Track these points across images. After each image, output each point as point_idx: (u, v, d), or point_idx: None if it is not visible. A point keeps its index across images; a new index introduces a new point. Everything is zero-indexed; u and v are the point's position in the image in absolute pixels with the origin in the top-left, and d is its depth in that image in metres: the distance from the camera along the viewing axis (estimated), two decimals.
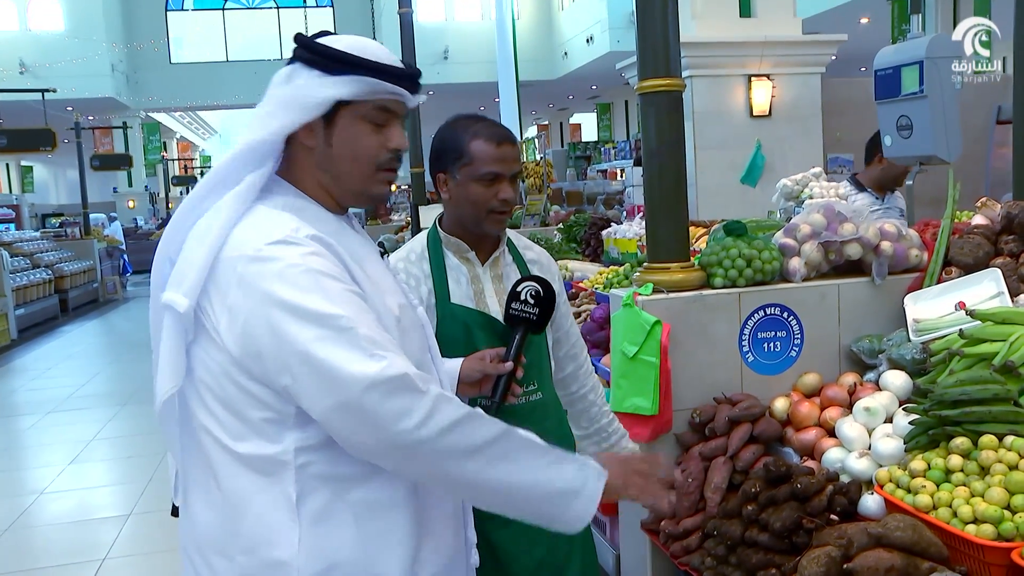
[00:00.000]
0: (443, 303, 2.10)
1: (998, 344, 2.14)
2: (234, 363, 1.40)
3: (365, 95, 1.50)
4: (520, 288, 1.88)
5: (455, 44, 22.84)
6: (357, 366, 1.32)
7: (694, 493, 2.30)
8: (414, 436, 1.33)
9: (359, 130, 1.51)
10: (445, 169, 2.10)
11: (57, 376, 9.40)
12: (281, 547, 1.41)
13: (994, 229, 2.72)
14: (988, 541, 1.71)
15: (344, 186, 1.54)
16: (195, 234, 1.46)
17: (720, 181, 6.91)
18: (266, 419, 1.41)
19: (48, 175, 34.07)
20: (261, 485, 1.42)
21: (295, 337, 1.34)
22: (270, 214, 1.47)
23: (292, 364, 1.34)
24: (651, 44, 2.52)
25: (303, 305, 1.35)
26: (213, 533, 1.47)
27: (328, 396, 1.33)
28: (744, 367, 2.56)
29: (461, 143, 2.06)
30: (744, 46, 6.91)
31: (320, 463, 1.43)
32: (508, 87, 9.93)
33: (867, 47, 6.77)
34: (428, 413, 1.34)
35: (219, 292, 1.40)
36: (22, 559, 4.52)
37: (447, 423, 1.35)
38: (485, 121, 2.12)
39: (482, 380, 1.86)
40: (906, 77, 3.51)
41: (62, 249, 15.78)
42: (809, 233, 2.63)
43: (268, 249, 1.39)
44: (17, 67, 20.80)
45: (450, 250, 2.16)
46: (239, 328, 1.38)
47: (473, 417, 1.38)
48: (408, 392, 1.33)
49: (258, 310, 1.36)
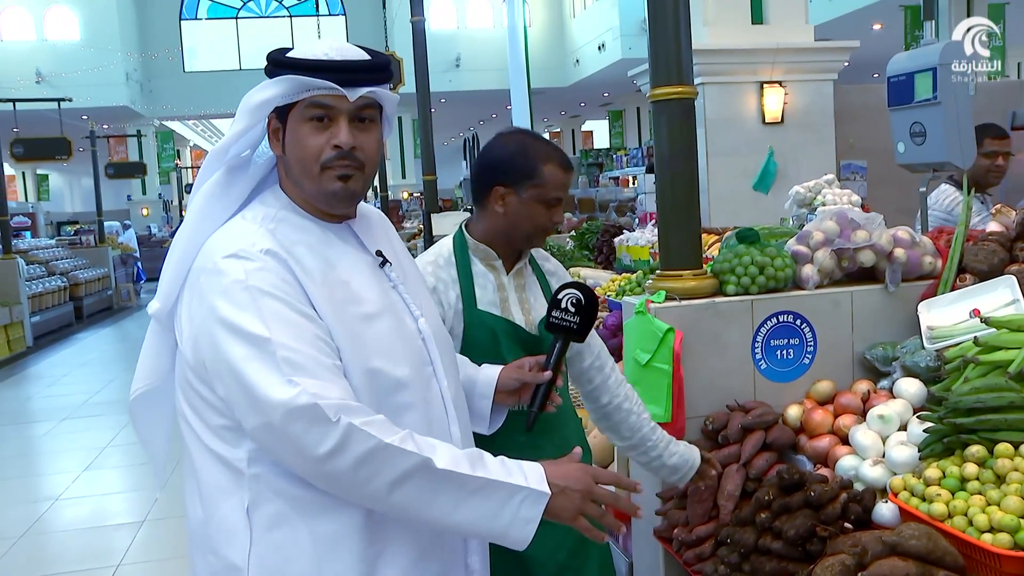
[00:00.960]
0: (470, 308, 2.11)
1: (1013, 351, 2.12)
2: (192, 369, 1.46)
3: (296, 94, 1.48)
4: (561, 296, 1.84)
5: (467, 52, 22.90)
6: (274, 391, 1.33)
7: (707, 501, 2.29)
8: (327, 466, 1.34)
9: (302, 131, 1.50)
10: (510, 184, 2.09)
11: (72, 383, 9.46)
12: (236, 551, 1.44)
13: (1009, 236, 2.71)
14: (1005, 550, 1.69)
15: (304, 190, 1.53)
16: (178, 242, 1.55)
17: (733, 188, 6.89)
18: (223, 425, 1.45)
19: (63, 183, 34.32)
20: (226, 488, 1.45)
21: (228, 353, 1.38)
22: (239, 226, 1.50)
23: (225, 378, 1.39)
24: (663, 52, 2.52)
25: (236, 323, 1.38)
26: (194, 530, 1.53)
27: (252, 416, 1.37)
28: (757, 374, 2.56)
29: (533, 162, 2.08)
30: (756, 53, 6.90)
31: (271, 474, 1.43)
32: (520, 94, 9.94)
33: (880, 53, 6.74)
34: (338, 444, 1.32)
35: (188, 300, 1.48)
36: (38, 565, 4.55)
37: (359, 455, 1.33)
38: (551, 144, 2.19)
39: (521, 389, 1.84)
40: (919, 84, 3.50)
41: (77, 257, 15.90)
42: (822, 240, 2.62)
43: (221, 263, 1.43)
44: (34, 77, 20.97)
45: (477, 257, 2.17)
46: (192, 337, 1.44)
47: (385, 449, 1.34)
48: (317, 423, 1.32)
49: (205, 323, 1.42)
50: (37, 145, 15.70)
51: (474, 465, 1.39)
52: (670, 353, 2.41)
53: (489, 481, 1.38)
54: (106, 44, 21.45)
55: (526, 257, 2.22)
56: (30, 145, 15.51)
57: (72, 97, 16.77)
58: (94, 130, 17.62)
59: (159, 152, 25.15)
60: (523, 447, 2.02)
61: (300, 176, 1.52)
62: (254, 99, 1.51)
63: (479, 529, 1.41)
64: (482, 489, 1.38)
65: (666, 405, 2.42)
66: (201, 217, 1.54)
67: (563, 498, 1.43)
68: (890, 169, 5.27)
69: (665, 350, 2.42)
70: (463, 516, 1.38)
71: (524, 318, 2.15)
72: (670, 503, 2.42)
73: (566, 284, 1.88)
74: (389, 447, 1.34)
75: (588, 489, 1.46)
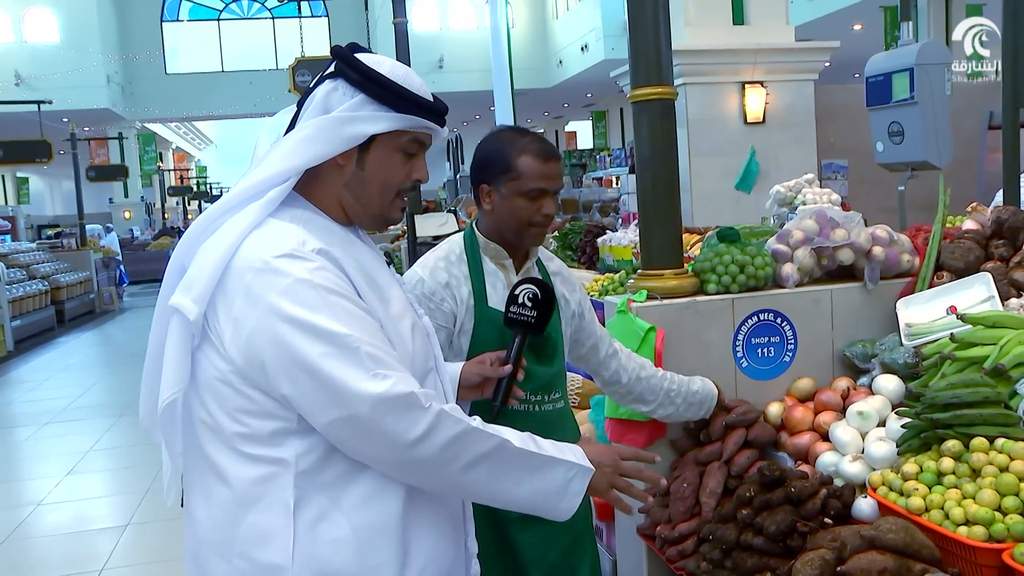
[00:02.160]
0: (481, 306, 2.12)
1: (988, 348, 2.16)
2: (236, 372, 1.42)
3: (406, 128, 1.54)
4: (518, 291, 1.88)
5: (450, 53, 22.90)
6: (363, 384, 1.36)
7: (689, 498, 2.31)
8: (416, 452, 1.39)
9: (393, 160, 1.55)
10: (489, 181, 2.12)
11: (54, 387, 9.39)
12: (276, 551, 1.43)
13: (984, 234, 2.74)
14: (980, 543, 1.72)
15: (366, 209, 1.57)
16: (211, 243, 1.48)
17: (715, 188, 6.93)
18: (267, 426, 1.43)
19: (44, 186, 34.05)
20: (260, 489, 1.44)
21: (301, 351, 1.37)
22: (279, 226, 1.48)
23: (296, 376, 1.37)
24: (643, 53, 2.54)
25: (309, 321, 1.37)
26: (212, 535, 1.49)
27: (333, 410, 1.37)
28: (738, 372, 2.58)
29: (508, 157, 2.08)
30: (737, 53, 6.95)
31: (319, 471, 1.45)
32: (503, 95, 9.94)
33: (860, 54, 6.81)
34: (429, 429, 1.39)
35: (225, 302, 1.43)
36: (20, 571, 4.52)
37: (447, 439, 1.41)
38: (532, 135, 2.14)
39: (483, 384, 1.87)
40: (897, 84, 3.55)
41: (58, 260, 15.76)
42: (802, 239, 2.65)
43: (275, 262, 1.41)
44: (12, 79, 20.82)
45: (488, 255, 2.18)
46: (243, 339, 1.40)
47: (471, 432, 1.43)
48: (412, 409, 1.38)
49: (264, 323, 1.38)
50: (17, 148, 15.56)
51: (538, 445, 1.52)
52: (652, 352, 2.43)
53: (549, 459, 1.51)
54: (86, 46, 21.31)
55: (534, 257, 2.22)
56: (9, 148, 15.38)
57: (52, 99, 16.63)
58: (75, 132, 17.50)
59: (141, 155, 25.02)
60: None
61: (373, 195, 1.56)
62: (358, 129, 1.50)
63: (535, 502, 1.53)
64: (542, 467, 1.51)
65: None
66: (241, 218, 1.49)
67: (599, 474, 1.56)
68: (871, 168, 5.33)
69: (647, 349, 2.43)
70: (524, 491, 1.50)
71: None
72: (652, 501, 2.43)
73: (523, 280, 1.91)
74: (476, 431, 1.44)
75: (616, 464, 1.60)
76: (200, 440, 1.49)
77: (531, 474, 1.49)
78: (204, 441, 1.48)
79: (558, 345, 2.19)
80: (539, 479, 1.50)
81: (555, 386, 2.18)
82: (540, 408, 2.15)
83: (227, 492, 1.46)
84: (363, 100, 1.51)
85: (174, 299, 1.44)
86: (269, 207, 1.50)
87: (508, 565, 2.10)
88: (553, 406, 2.17)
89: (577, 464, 1.53)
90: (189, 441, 1.51)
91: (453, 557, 1.62)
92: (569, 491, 1.53)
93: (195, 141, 36.54)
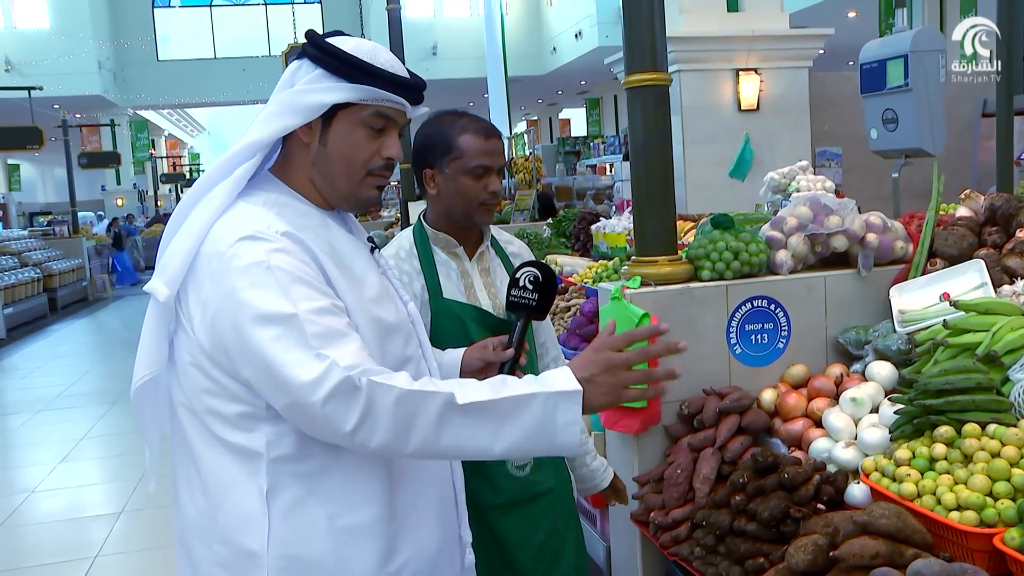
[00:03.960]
0: (436, 298, 2.12)
1: (981, 334, 2.16)
2: (206, 355, 1.43)
3: (367, 101, 1.51)
4: (519, 275, 1.86)
5: (443, 40, 22.79)
6: (301, 370, 1.32)
7: (683, 484, 2.32)
8: (360, 435, 1.33)
9: (356, 134, 1.52)
10: (432, 164, 2.12)
11: (47, 375, 9.37)
12: (252, 537, 1.43)
13: (978, 221, 2.75)
14: (971, 527, 1.73)
15: (334, 187, 1.55)
16: (185, 226, 1.49)
17: (709, 175, 6.93)
18: (239, 411, 1.43)
19: (35, 173, 33.85)
20: (238, 474, 1.44)
21: (252, 335, 1.36)
22: (248, 210, 1.48)
23: (251, 361, 1.37)
24: (637, 38, 2.53)
25: (259, 303, 1.36)
26: (195, 520, 1.49)
27: (281, 396, 1.36)
28: (732, 359, 2.58)
29: (449, 138, 2.09)
30: (732, 40, 6.94)
31: (295, 459, 1.44)
32: (497, 83, 9.92)
33: (855, 41, 6.79)
34: (365, 409, 1.32)
35: (195, 286, 1.44)
36: (13, 558, 4.52)
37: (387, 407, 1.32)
38: (470, 116, 2.15)
39: (485, 368, 1.85)
40: (891, 71, 3.54)
41: (50, 248, 15.72)
42: (796, 226, 2.65)
43: (237, 245, 1.41)
44: (3, 65, 20.65)
45: (438, 246, 2.18)
46: (208, 323, 1.41)
47: (412, 395, 1.34)
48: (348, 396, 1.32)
49: (223, 306, 1.39)
50: (7, 134, 15.47)
51: (496, 390, 1.38)
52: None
53: (514, 398, 1.36)
54: (77, 32, 21.14)
55: (487, 240, 2.22)
56: (0, 134, 15.28)
57: (43, 86, 16.54)
58: (66, 119, 17.40)
59: (133, 142, 24.87)
60: None
61: (339, 174, 1.53)
62: (314, 98, 1.49)
63: (527, 447, 1.39)
64: (512, 410, 1.36)
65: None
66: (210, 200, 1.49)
67: (593, 387, 1.41)
68: (865, 156, 5.33)
69: None
70: (508, 439, 1.36)
71: (491, 303, 2.17)
72: (647, 487, 2.44)
73: (524, 263, 1.88)
74: (412, 393, 1.34)
75: (609, 364, 1.43)
76: (182, 425, 1.50)
77: (502, 421, 1.36)
78: (185, 425, 1.49)
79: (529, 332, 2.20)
80: (516, 423, 1.37)
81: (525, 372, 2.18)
82: None
83: (207, 478, 1.46)
84: (321, 74, 1.50)
85: (149, 284, 1.46)
86: (237, 185, 1.50)
87: (492, 552, 2.10)
88: None
89: (554, 392, 1.38)
90: (174, 426, 1.52)
91: (442, 546, 1.61)
92: (558, 425, 1.37)
93: (188, 128, 36.35)
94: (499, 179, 2.13)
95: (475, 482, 2.11)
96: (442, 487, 1.64)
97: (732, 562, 2.02)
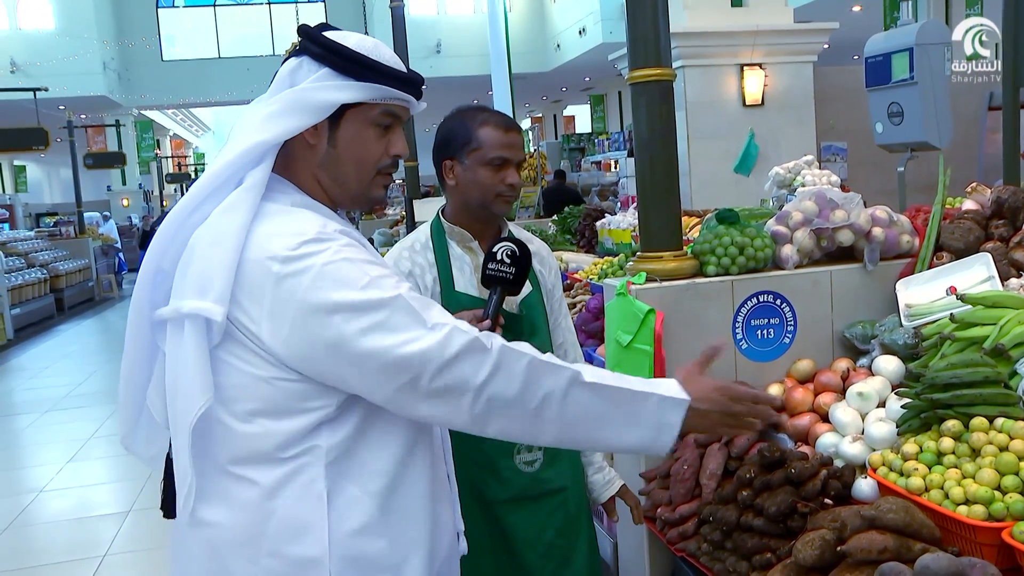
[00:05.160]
0: (448, 291, 2.14)
1: (988, 328, 2.15)
2: (275, 365, 1.37)
3: (376, 99, 1.49)
4: (496, 249, 1.93)
5: (447, 37, 22.78)
6: (419, 342, 1.33)
7: (689, 480, 2.31)
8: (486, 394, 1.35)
9: (366, 134, 1.50)
10: (453, 156, 2.14)
11: (54, 375, 9.40)
12: (311, 545, 1.40)
13: (984, 214, 2.74)
14: (979, 522, 1.72)
15: (344, 188, 1.52)
16: (206, 238, 1.40)
17: (714, 170, 6.92)
18: (298, 418, 1.40)
19: (41, 174, 33.95)
20: (289, 483, 1.40)
21: (350, 330, 1.33)
22: (289, 212, 1.44)
23: (356, 354, 1.34)
24: (641, 34, 2.52)
25: (353, 298, 1.34)
26: (235, 537, 1.42)
27: (395, 379, 1.34)
28: (738, 354, 2.58)
29: (470, 130, 2.12)
30: (736, 36, 6.92)
31: (347, 460, 1.43)
32: (501, 80, 9.90)
33: (859, 35, 6.78)
34: (495, 366, 1.35)
35: (251, 296, 1.36)
36: (22, 557, 4.54)
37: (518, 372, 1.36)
38: (491, 111, 2.19)
39: None
40: (896, 64, 3.53)
41: (57, 248, 15.77)
42: (801, 220, 2.64)
43: (304, 248, 1.36)
44: (8, 66, 20.70)
45: (454, 240, 2.20)
46: (285, 331, 1.35)
47: (542, 364, 1.38)
48: (476, 353, 1.35)
49: (306, 310, 1.34)
50: (13, 135, 15.51)
51: (618, 379, 1.44)
52: (651, 334, 2.42)
53: (635, 392, 1.43)
54: (81, 32, 21.17)
55: (504, 235, 2.22)
56: (6, 136, 15.33)
57: (48, 87, 16.57)
58: (71, 120, 17.43)
59: (138, 142, 24.92)
60: None
61: (349, 175, 1.52)
62: (327, 97, 1.46)
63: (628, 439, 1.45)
64: (628, 400, 1.43)
65: None
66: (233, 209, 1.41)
67: (700, 417, 1.48)
68: (870, 150, 5.31)
69: (646, 331, 2.43)
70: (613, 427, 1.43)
71: None
72: (653, 483, 2.44)
73: (501, 238, 1.95)
74: (543, 362, 1.39)
75: (727, 410, 1.50)
76: (217, 439, 1.42)
77: (619, 407, 1.42)
78: (224, 440, 1.41)
79: (536, 322, 2.22)
80: (626, 414, 1.43)
81: None
82: None
83: (253, 491, 1.40)
84: (328, 73, 1.47)
85: (191, 305, 1.36)
86: (258, 190, 1.43)
87: (500, 548, 2.10)
88: None
89: (667, 397, 1.44)
90: (200, 443, 1.43)
91: (452, 534, 1.64)
92: (663, 423, 1.44)
93: (192, 128, 36.40)
94: (517, 172, 2.15)
95: (482, 475, 2.12)
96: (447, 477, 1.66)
97: (739, 557, 2.02)
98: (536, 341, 2.18)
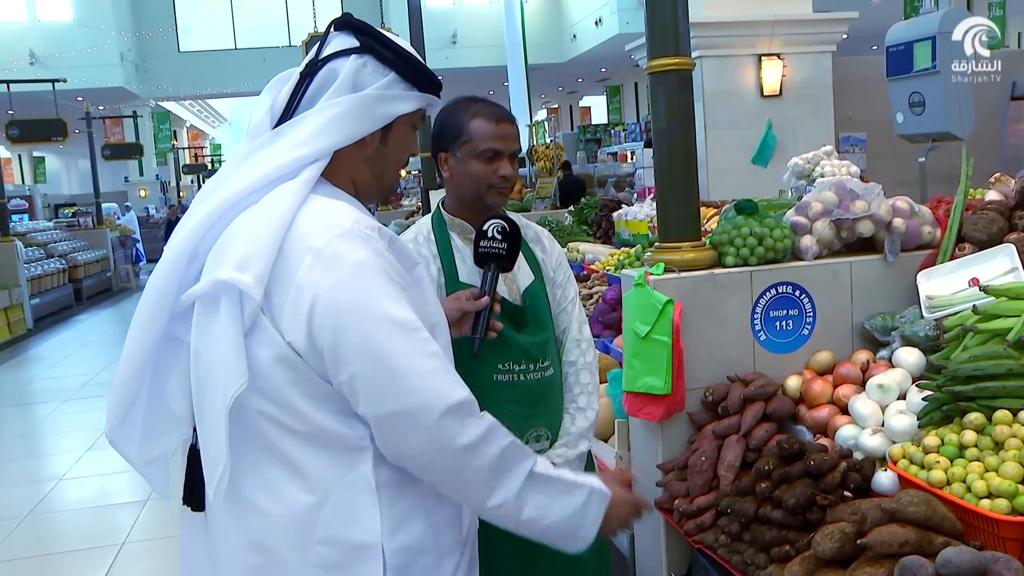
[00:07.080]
0: (453, 282, 2.15)
1: (1012, 319, 2.13)
2: (296, 353, 1.36)
3: (424, 105, 1.58)
4: (486, 226, 1.96)
5: (463, 28, 22.74)
6: (429, 379, 1.35)
7: (707, 471, 2.30)
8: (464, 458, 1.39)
9: (408, 135, 1.59)
10: (446, 148, 2.16)
11: (73, 365, 9.48)
12: (365, 530, 1.41)
13: (1008, 204, 2.70)
14: (1003, 515, 1.70)
15: (380, 183, 1.58)
16: (256, 218, 1.39)
17: (731, 161, 6.88)
18: (337, 407, 1.40)
19: (60, 165, 34.19)
20: (340, 471, 1.41)
21: (370, 336, 1.33)
22: (327, 203, 1.45)
23: (365, 362, 1.34)
24: (660, 22, 2.50)
25: (377, 306, 1.35)
26: (284, 524, 1.41)
27: (391, 401, 1.34)
28: (756, 346, 2.56)
29: (461, 122, 2.12)
30: (754, 25, 6.86)
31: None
32: (517, 71, 9.88)
33: (879, 24, 6.71)
34: (480, 439, 1.39)
35: (282, 283, 1.36)
36: (43, 544, 4.58)
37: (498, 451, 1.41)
38: (483, 101, 2.18)
39: (462, 320, 1.92)
40: (918, 53, 3.48)
41: (75, 239, 15.90)
42: (821, 211, 2.61)
43: (336, 242, 1.36)
44: (27, 58, 20.84)
45: (455, 231, 2.21)
46: (303, 321, 1.34)
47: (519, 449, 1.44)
48: (469, 416, 1.38)
49: (331, 305, 1.34)
50: (32, 127, 15.60)
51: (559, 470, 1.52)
52: (669, 325, 2.41)
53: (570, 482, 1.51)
54: (99, 24, 21.28)
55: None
56: (25, 127, 15.42)
57: (67, 78, 16.63)
58: (89, 111, 17.55)
59: (156, 133, 25.07)
60: (516, 416, 2.07)
61: (389, 172, 1.59)
62: (391, 108, 1.52)
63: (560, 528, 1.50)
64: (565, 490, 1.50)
65: (666, 377, 2.42)
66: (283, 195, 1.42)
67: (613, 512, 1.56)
68: (889, 141, 5.26)
69: (664, 322, 2.42)
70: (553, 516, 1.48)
71: (506, 288, 2.18)
72: (671, 474, 2.43)
73: (490, 216, 1.99)
74: (521, 447, 1.45)
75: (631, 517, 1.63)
76: (260, 428, 1.40)
77: (553, 498, 1.48)
78: (266, 428, 1.40)
79: (540, 312, 2.22)
80: (561, 502, 1.49)
81: (542, 354, 2.20)
82: (527, 377, 2.18)
83: (301, 480, 1.40)
84: (394, 79, 1.51)
85: (230, 275, 1.32)
86: (307, 186, 1.44)
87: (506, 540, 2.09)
88: (542, 375, 2.20)
89: (597, 489, 1.53)
90: (240, 431, 1.40)
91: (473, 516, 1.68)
92: (588, 517, 1.51)
93: (209, 119, 36.53)
94: (511, 164, 2.15)
95: None
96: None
97: (757, 550, 2.01)
98: (540, 332, 2.19)
